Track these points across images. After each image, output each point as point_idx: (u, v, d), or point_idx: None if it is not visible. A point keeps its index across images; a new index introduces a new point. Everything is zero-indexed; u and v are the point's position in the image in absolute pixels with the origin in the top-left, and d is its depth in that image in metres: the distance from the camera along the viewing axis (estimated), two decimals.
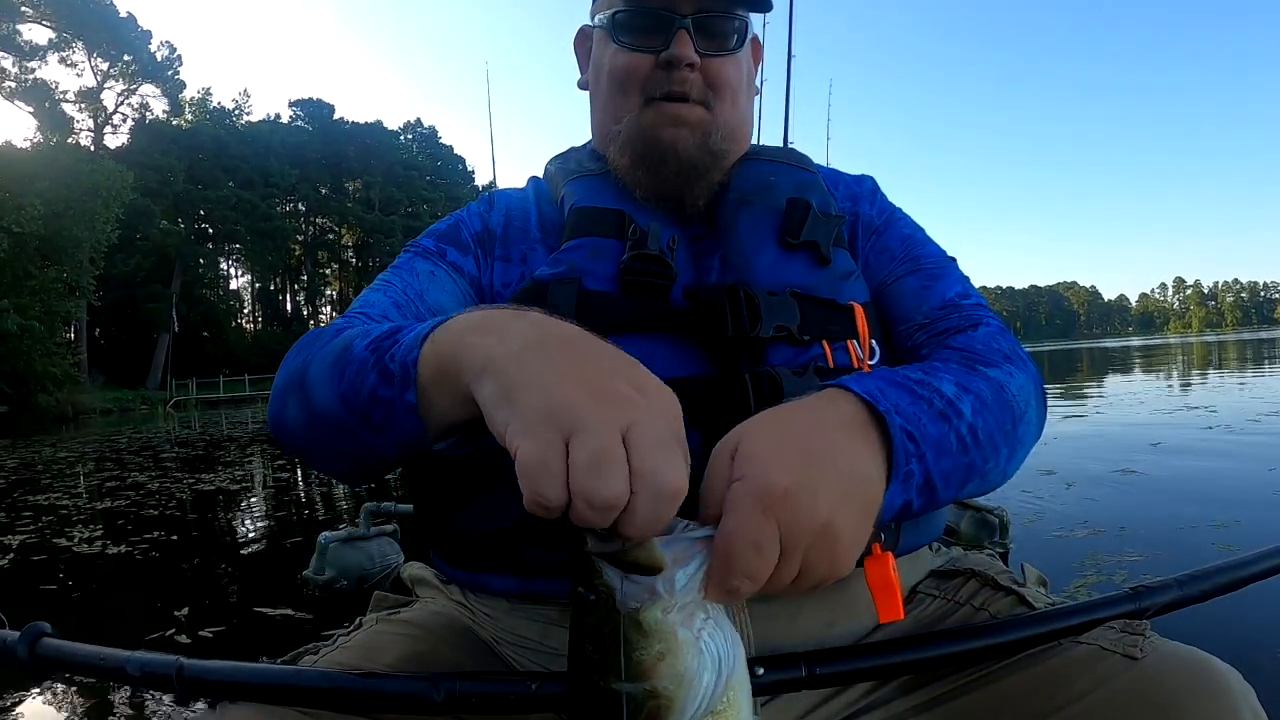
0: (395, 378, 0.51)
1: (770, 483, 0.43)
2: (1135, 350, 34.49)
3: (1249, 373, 13.53)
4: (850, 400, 0.52)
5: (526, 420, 0.39)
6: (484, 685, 0.52)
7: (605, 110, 0.79)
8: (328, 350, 0.59)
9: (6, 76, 40.52)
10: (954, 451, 0.56)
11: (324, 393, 0.57)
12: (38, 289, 27.95)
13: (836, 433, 0.50)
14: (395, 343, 0.53)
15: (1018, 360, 0.68)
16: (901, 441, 0.52)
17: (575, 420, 0.38)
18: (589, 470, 0.37)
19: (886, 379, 0.56)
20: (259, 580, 3.41)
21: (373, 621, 0.72)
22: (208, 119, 54.19)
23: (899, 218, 0.83)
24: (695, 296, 0.69)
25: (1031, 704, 0.55)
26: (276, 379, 0.66)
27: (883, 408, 0.52)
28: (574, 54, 0.88)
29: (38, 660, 0.58)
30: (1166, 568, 2.63)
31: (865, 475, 0.49)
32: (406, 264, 0.77)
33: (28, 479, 7.74)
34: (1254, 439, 5.48)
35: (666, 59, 0.73)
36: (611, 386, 0.40)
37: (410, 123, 70.55)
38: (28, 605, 3.14)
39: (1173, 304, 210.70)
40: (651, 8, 0.74)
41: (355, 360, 0.54)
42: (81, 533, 4.53)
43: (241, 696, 0.54)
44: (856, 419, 0.51)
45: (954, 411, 0.57)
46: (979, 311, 0.74)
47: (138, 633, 2.64)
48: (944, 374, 0.61)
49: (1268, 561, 0.63)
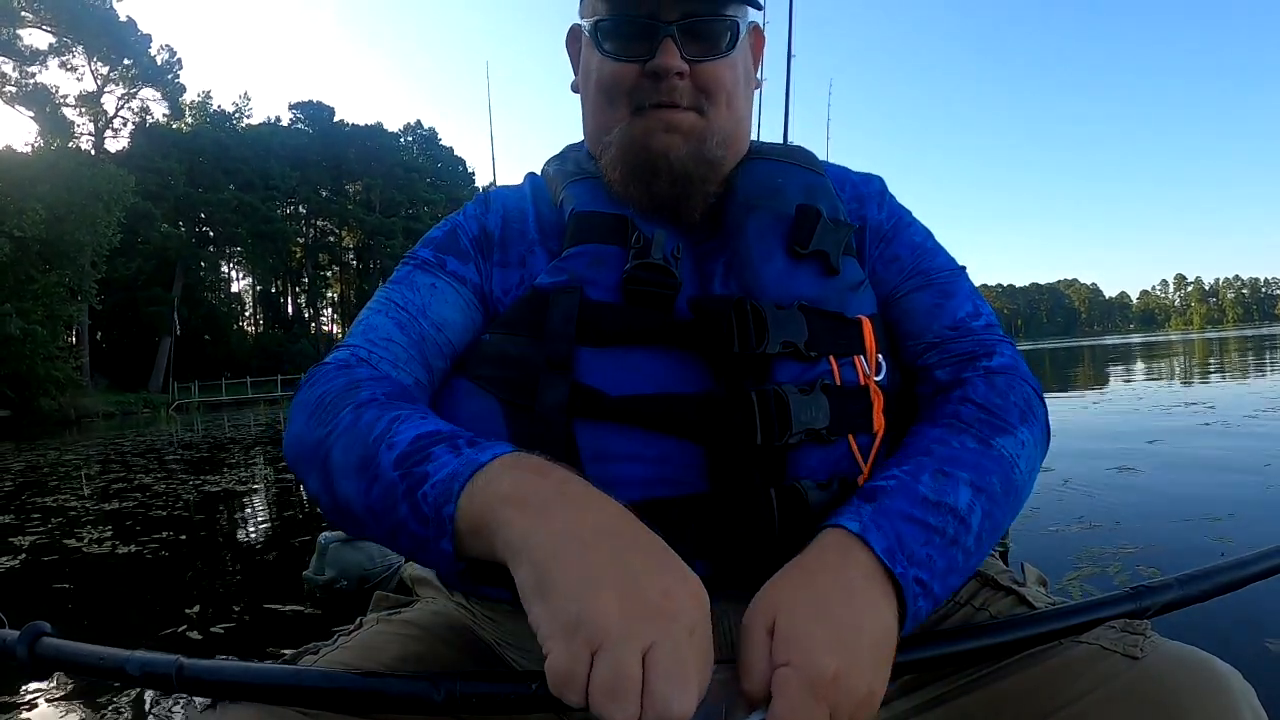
0: (429, 521, 0.51)
1: (819, 669, 0.46)
2: (1136, 347, 34.47)
3: (1248, 369, 13.51)
4: (867, 556, 0.54)
5: (558, 625, 0.43)
6: (484, 686, 0.52)
7: (595, 119, 0.77)
8: (350, 440, 0.57)
9: (7, 81, 40.60)
10: (960, 568, 0.58)
11: (348, 491, 0.57)
12: (40, 293, 28.01)
13: (862, 596, 0.52)
14: (425, 477, 0.52)
15: (1030, 416, 0.67)
16: (913, 593, 0.54)
17: (603, 637, 0.42)
18: (606, 692, 0.41)
19: (902, 515, 0.56)
20: (266, 578, 3.42)
21: (373, 621, 0.72)
22: (208, 122, 54.26)
23: (908, 223, 0.81)
24: (700, 309, 0.67)
25: (1032, 704, 0.55)
26: (294, 430, 0.64)
27: (898, 571, 0.53)
28: (567, 54, 0.85)
29: (37, 660, 0.58)
30: (1160, 561, 2.68)
31: (888, 631, 0.51)
32: (406, 278, 0.75)
33: (35, 481, 7.77)
34: (1251, 435, 5.49)
35: (652, 69, 0.70)
36: (641, 596, 0.43)
37: (410, 125, 70.74)
38: (37, 604, 3.19)
39: (1174, 301, 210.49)
40: (634, 15, 0.71)
41: (382, 479, 0.54)
42: (91, 533, 4.56)
43: (241, 696, 0.53)
44: (875, 575, 0.53)
45: (963, 528, 0.58)
46: (991, 337, 0.73)
47: (147, 630, 2.68)
48: (961, 469, 0.60)
49: (1268, 561, 0.63)
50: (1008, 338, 0.75)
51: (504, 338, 0.70)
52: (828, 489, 0.63)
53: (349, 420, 0.58)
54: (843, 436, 0.65)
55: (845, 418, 0.65)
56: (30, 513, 5.50)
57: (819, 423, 0.64)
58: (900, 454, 0.64)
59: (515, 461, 0.52)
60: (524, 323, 0.69)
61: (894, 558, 0.54)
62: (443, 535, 0.50)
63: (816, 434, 0.64)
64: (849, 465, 0.65)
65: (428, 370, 0.70)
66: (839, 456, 0.65)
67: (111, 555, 3.97)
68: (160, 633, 2.60)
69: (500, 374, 0.68)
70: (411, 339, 0.70)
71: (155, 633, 2.61)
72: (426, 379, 0.70)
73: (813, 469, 0.64)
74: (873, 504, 0.57)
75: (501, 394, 0.67)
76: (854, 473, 0.65)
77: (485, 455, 0.52)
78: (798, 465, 0.64)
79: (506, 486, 0.50)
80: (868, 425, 0.67)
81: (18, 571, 3.75)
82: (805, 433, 0.63)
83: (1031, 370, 0.73)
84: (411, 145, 69.37)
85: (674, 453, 0.63)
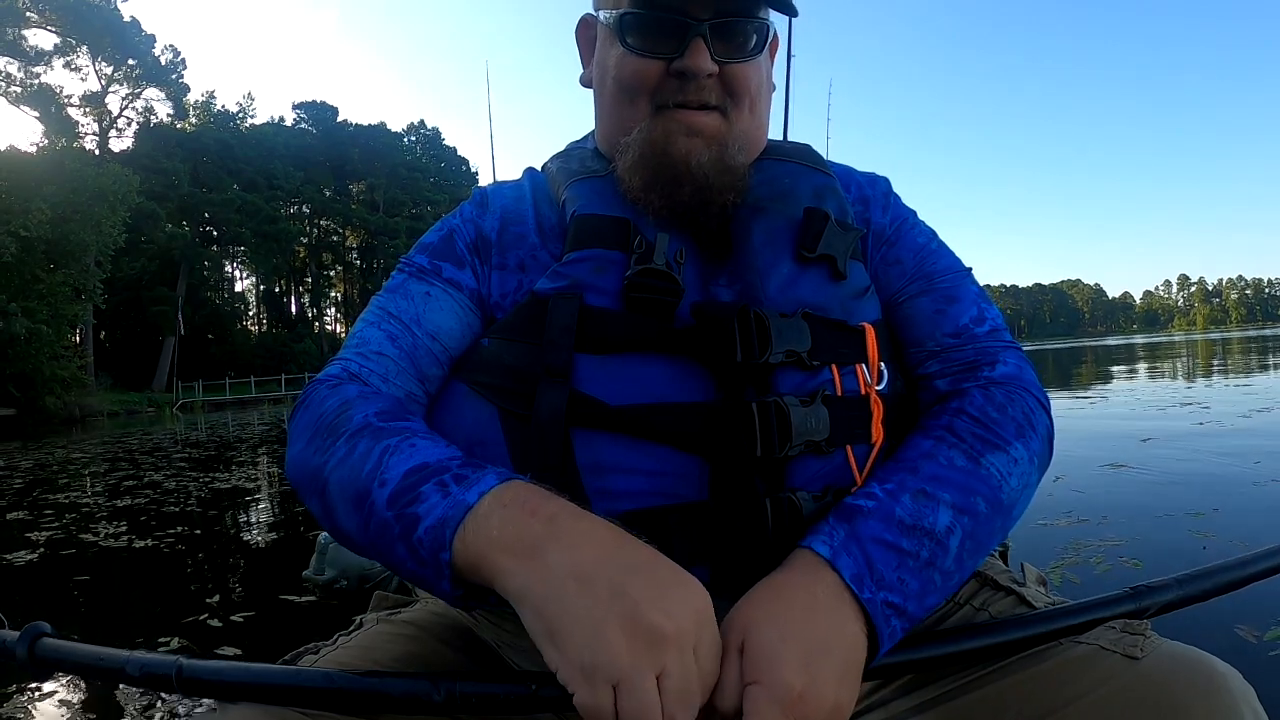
0: (427, 564, 0.53)
1: (787, 687, 0.48)
2: (1138, 348, 34.47)
3: (1247, 370, 13.52)
4: (835, 579, 0.55)
5: (575, 670, 0.47)
6: (484, 686, 0.52)
7: (611, 117, 0.74)
8: (345, 474, 0.58)
9: (12, 81, 40.76)
10: (938, 588, 0.58)
11: (348, 525, 0.58)
12: (45, 292, 28.06)
13: (828, 615, 0.53)
14: (417, 520, 0.53)
15: (1029, 430, 0.66)
16: (884, 615, 0.55)
17: (619, 675, 0.46)
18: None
19: (875, 539, 0.57)
20: (278, 571, 3.48)
21: (373, 621, 0.72)
22: (212, 122, 54.35)
23: (911, 225, 0.79)
24: (703, 315, 0.66)
25: (1031, 704, 0.55)
26: (294, 454, 0.65)
27: (865, 596, 0.54)
28: (576, 47, 0.82)
29: (37, 660, 0.58)
30: (1141, 553, 2.78)
31: (855, 648, 0.53)
32: (400, 287, 0.74)
33: (45, 479, 7.85)
34: (1242, 434, 5.56)
35: (680, 69, 0.68)
36: (645, 626, 0.46)
37: (414, 124, 70.88)
38: (55, 597, 3.26)
39: (1177, 301, 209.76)
40: (664, 11, 0.68)
41: (377, 518, 0.55)
42: (106, 528, 4.63)
43: (240, 697, 0.54)
44: (843, 595, 0.55)
45: (940, 550, 0.58)
46: (994, 343, 0.72)
47: (167, 620, 2.77)
48: (944, 489, 0.60)
49: (1267, 561, 0.63)
50: (1015, 343, 0.74)
51: (502, 343, 0.69)
52: (822, 500, 0.63)
53: (343, 452, 0.59)
54: (840, 447, 0.65)
55: (845, 429, 0.65)
56: (43, 509, 5.57)
57: (819, 434, 0.63)
58: (887, 468, 0.63)
59: (502, 497, 0.53)
60: (522, 329, 0.68)
61: (861, 583, 0.55)
62: (441, 578, 0.53)
63: (815, 445, 0.63)
64: (844, 476, 0.65)
65: (421, 381, 0.70)
66: (835, 467, 0.65)
67: (128, 549, 4.05)
68: (182, 620, 2.73)
69: (498, 381, 0.67)
70: (403, 350, 0.70)
71: (177, 620, 2.73)
72: (420, 390, 0.70)
73: (808, 479, 0.64)
74: (847, 526, 0.58)
75: (499, 402, 0.66)
76: (848, 484, 0.65)
77: (472, 495, 0.53)
78: (794, 476, 0.63)
79: (496, 530, 0.51)
80: (866, 436, 0.66)
81: (36, 565, 3.82)
82: (804, 444, 0.63)
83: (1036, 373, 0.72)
84: (415, 145, 69.42)
85: (673, 463, 0.63)
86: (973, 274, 0.79)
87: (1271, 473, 4.04)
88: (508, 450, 0.64)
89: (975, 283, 0.77)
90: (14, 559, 3.95)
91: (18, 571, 3.70)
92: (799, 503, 0.62)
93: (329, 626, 0.75)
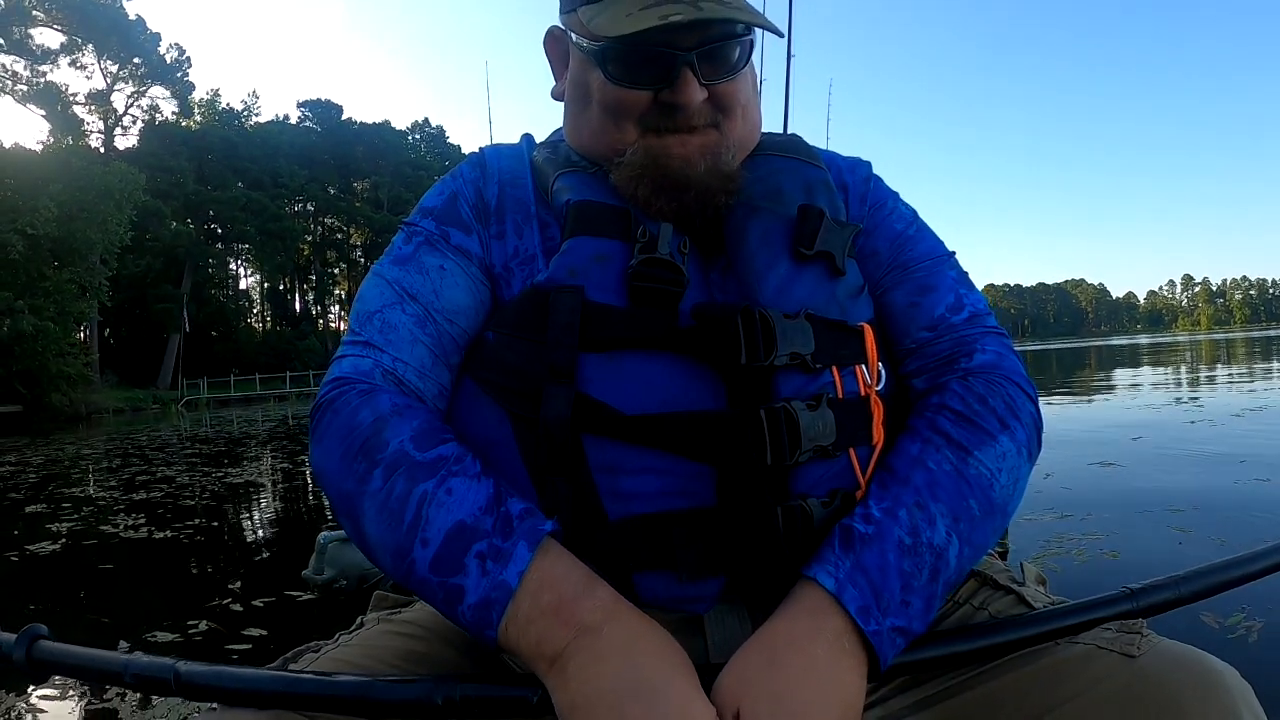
0: (469, 629, 0.57)
1: None
2: (1142, 348, 34.37)
3: (1247, 369, 13.49)
4: (840, 619, 0.56)
5: None
6: (485, 689, 0.53)
7: (597, 136, 0.72)
8: (382, 516, 0.60)
9: (19, 80, 40.87)
10: (940, 597, 0.59)
11: (387, 566, 0.60)
12: (51, 290, 28.07)
13: (826, 672, 0.54)
14: (461, 594, 0.56)
15: (1013, 419, 0.66)
16: (888, 645, 0.56)
17: None
18: None
19: (880, 566, 0.57)
20: (293, 562, 3.52)
21: (373, 621, 0.72)
22: (217, 120, 54.46)
23: (890, 210, 0.78)
24: (704, 316, 0.64)
25: (1029, 702, 0.56)
26: (322, 456, 0.65)
27: (871, 629, 0.55)
28: (546, 57, 0.79)
29: (34, 663, 0.58)
30: (1121, 546, 2.89)
31: (857, 694, 0.54)
32: (413, 258, 0.72)
33: (58, 474, 7.94)
34: (1232, 432, 5.65)
35: (670, 101, 0.67)
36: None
37: (418, 123, 70.73)
38: (81, 585, 3.35)
39: (1181, 301, 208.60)
40: (649, 46, 0.65)
41: (418, 575, 0.58)
42: (125, 520, 4.72)
43: (237, 702, 0.54)
44: (845, 635, 0.55)
45: (942, 563, 0.59)
46: (972, 331, 0.72)
47: (193, 604, 2.88)
48: (937, 499, 0.61)
49: (1264, 561, 0.64)
50: (997, 328, 0.73)
51: (505, 339, 0.68)
52: (830, 506, 0.62)
53: (377, 486, 0.60)
54: (845, 450, 0.64)
55: (848, 431, 0.64)
56: (60, 502, 5.65)
57: (826, 439, 0.62)
58: (880, 480, 0.64)
59: (540, 598, 0.56)
60: (524, 323, 0.67)
61: (868, 615, 0.55)
62: (482, 640, 0.57)
63: (823, 450, 0.63)
64: (848, 479, 0.64)
65: (449, 370, 0.70)
66: (839, 470, 0.64)
67: (149, 540, 4.13)
68: (205, 604, 2.87)
69: (503, 381, 0.67)
70: (431, 338, 0.69)
71: (200, 605, 2.86)
72: (449, 380, 0.70)
73: (814, 484, 0.63)
74: (851, 556, 0.58)
75: (507, 404, 0.66)
76: (853, 487, 0.64)
77: (512, 578, 0.56)
78: (801, 481, 0.63)
79: (533, 636, 0.55)
80: (868, 438, 0.66)
81: (59, 555, 3.90)
82: (813, 449, 0.62)
83: (1029, 370, 0.71)
84: (419, 143, 69.40)
85: (682, 468, 0.62)
86: (954, 258, 0.77)
87: (1254, 471, 4.13)
88: (519, 452, 0.64)
89: (955, 267, 0.76)
90: (37, 549, 4.02)
91: (41, 562, 3.77)
92: (810, 510, 0.62)
93: (334, 622, 0.75)
